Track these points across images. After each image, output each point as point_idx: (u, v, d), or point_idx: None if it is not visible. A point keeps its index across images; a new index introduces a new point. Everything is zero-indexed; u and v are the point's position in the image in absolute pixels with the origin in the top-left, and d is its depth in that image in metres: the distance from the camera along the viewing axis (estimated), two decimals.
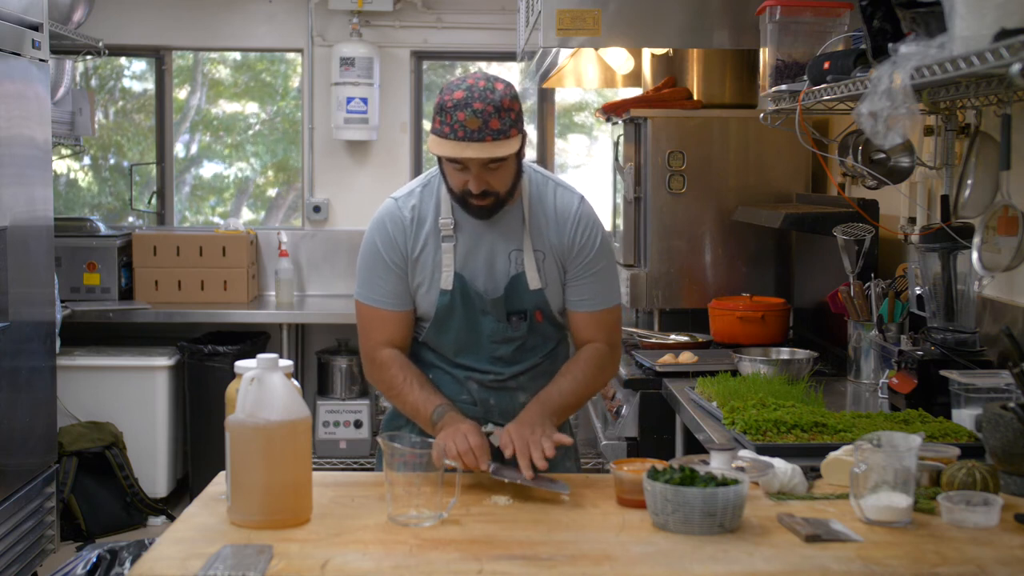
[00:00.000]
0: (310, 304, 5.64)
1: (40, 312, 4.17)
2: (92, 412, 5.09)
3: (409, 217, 2.43)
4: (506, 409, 2.49)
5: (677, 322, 4.16)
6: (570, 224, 2.44)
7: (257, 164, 6.36)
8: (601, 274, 2.47)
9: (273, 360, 1.98)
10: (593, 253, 2.45)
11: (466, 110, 2.23)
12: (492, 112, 2.23)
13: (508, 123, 2.26)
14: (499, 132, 2.24)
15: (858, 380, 3.27)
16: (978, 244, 2.56)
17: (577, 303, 2.47)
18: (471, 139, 2.23)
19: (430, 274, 2.42)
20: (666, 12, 3.98)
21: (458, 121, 2.23)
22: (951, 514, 1.97)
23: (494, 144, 2.24)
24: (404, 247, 2.42)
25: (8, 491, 3.86)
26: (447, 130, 2.25)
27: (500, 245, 2.43)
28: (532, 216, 2.43)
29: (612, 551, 1.84)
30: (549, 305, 2.46)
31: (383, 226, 2.45)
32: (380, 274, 2.44)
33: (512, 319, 2.44)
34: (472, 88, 2.25)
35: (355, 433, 5.45)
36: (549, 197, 2.46)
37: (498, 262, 2.43)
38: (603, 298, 2.48)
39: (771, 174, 4.17)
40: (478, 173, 2.28)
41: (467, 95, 2.24)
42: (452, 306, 2.42)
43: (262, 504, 1.95)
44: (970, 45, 1.89)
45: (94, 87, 6.12)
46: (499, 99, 2.25)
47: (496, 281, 2.43)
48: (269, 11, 5.88)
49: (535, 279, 2.42)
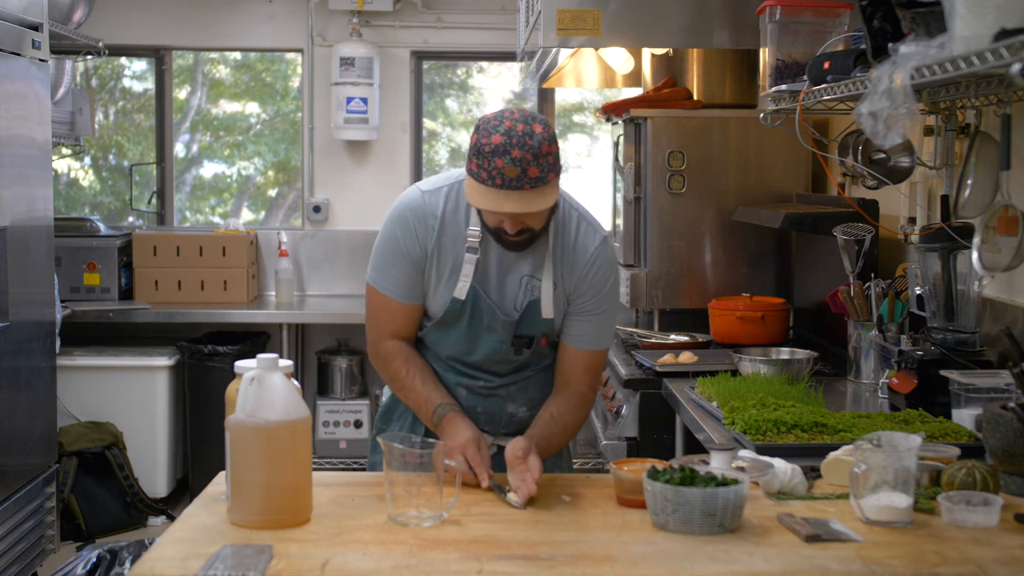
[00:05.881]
0: (310, 304, 5.64)
1: (40, 312, 4.17)
2: (92, 412, 5.09)
3: (434, 214, 2.39)
4: (493, 417, 2.49)
5: (677, 322, 4.16)
6: (587, 263, 2.41)
7: (258, 164, 6.36)
8: (604, 316, 2.45)
9: (273, 360, 1.98)
10: (602, 295, 2.43)
11: (504, 157, 2.17)
12: (531, 160, 2.17)
13: (546, 168, 2.20)
14: (537, 180, 2.19)
15: (858, 380, 3.27)
16: (978, 244, 2.56)
17: (574, 338, 2.44)
18: (509, 187, 2.18)
19: (445, 277, 2.40)
20: (666, 12, 3.98)
21: (496, 168, 2.17)
22: (951, 514, 1.97)
23: (532, 192, 2.19)
24: (424, 241, 2.38)
25: (8, 491, 3.86)
26: (484, 175, 2.19)
27: (515, 268, 2.40)
28: (555, 247, 2.40)
29: (612, 551, 1.84)
30: (554, 331, 2.45)
31: (405, 218, 2.40)
32: (396, 264, 2.40)
33: (516, 343, 2.43)
34: (511, 132, 2.17)
35: (355, 433, 5.45)
36: (572, 230, 2.42)
37: (510, 285, 2.41)
38: (599, 339, 2.46)
39: (771, 174, 4.17)
40: (514, 218, 2.25)
41: (505, 140, 2.17)
42: (460, 315, 2.40)
43: (262, 504, 1.95)
44: (970, 45, 1.89)
45: (94, 87, 6.12)
46: (537, 145, 2.18)
47: (504, 302, 2.41)
48: (269, 11, 5.88)
49: (549, 308, 2.40)
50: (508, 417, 2.49)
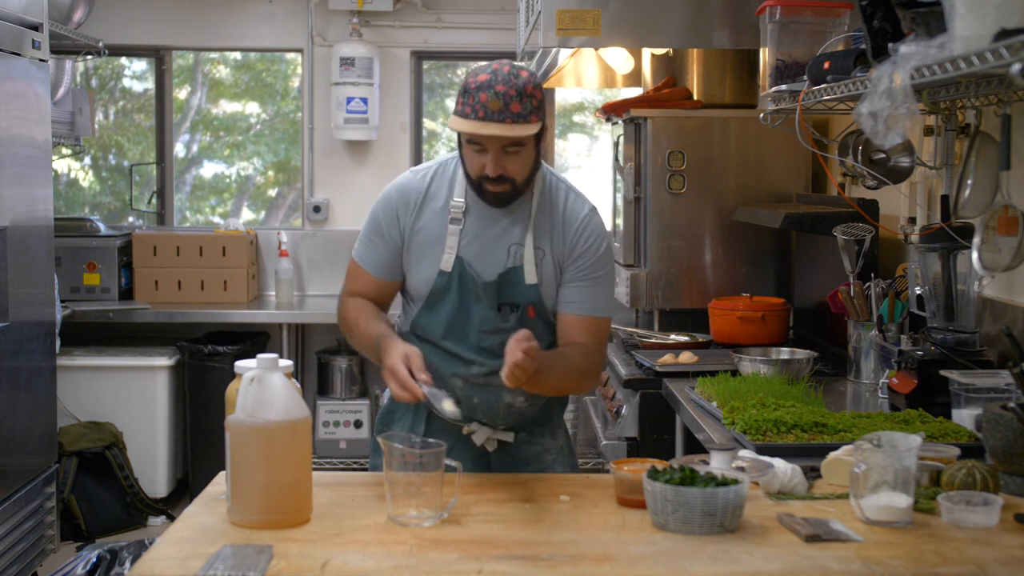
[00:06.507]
0: (310, 304, 5.64)
1: (40, 312, 4.17)
2: (92, 412, 5.09)
3: (419, 190, 2.47)
4: (490, 408, 2.48)
5: (677, 322, 4.15)
6: (576, 229, 2.45)
7: (258, 164, 6.36)
8: (597, 282, 2.46)
9: (273, 360, 1.98)
10: (593, 260, 2.45)
11: (488, 91, 2.26)
12: (514, 95, 2.26)
13: (529, 108, 2.28)
14: (519, 116, 2.27)
15: (858, 380, 3.27)
16: (978, 244, 2.56)
17: (568, 305, 2.46)
18: (491, 119, 2.26)
19: (430, 251, 2.44)
20: (666, 12, 3.98)
21: (480, 102, 2.27)
22: (951, 514, 1.97)
23: (513, 126, 2.27)
24: (404, 221, 2.46)
25: (8, 491, 3.86)
26: (468, 110, 2.29)
27: (503, 237, 2.44)
28: (539, 214, 2.44)
29: (612, 551, 1.84)
30: (543, 302, 2.46)
31: (389, 197, 2.49)
32: (375, 241, 2.49)
33: (503, 310, 2.44)
34: (497, 72, 2.29)
35: (355, 433, 5.45)
36: (560, 200, 2.47)
37: (498, 253, 2.44)
38: (595, 305, 2.47)
39: (771, 174, 4.17)
40: (496, 156, 2.31)
41: (491, 78, 2.28)
42: (448, 288, 2.43)
43: (262, 504, 1.95)
44: (970, 45, 1.89)
45: (94, 87, 6.12)
46: (523, 84, 2.28)
47: (492, 270, 2.44)
48: (269, 11, 5.88)
49: (532, 274, 2.43)
50: (506, 407, 2.48)
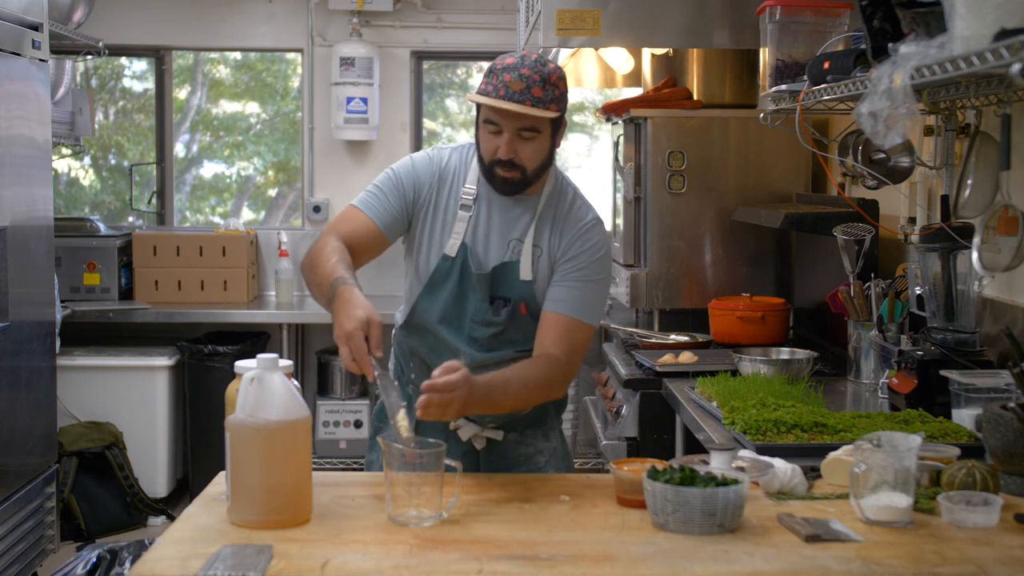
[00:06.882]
0: (310, 304, 5.64)
1: (40, 312, 4.17)
2: (92, 412, 5.09)
3: (440, 164, 2.48)
4: None
5: (677, 322, 4.15)
6: (575, 233, 2.44)
7: (258, 164, 6.36)
8: (586, 286, 2.42)
9: (273, 360, 1.98)
10: (586, 263, 2.43)
11: (513, 72, 2.30)
12: (538, 80, 2.29)
13: (551, 96, 2.31)
14: (539, 100, 2.30)
15: (858, 380, 3.27)
16: (978, 244, 2.56)
17: (552, 302, 2.42)
18: (511, 99, 2.29)
19: (439, 232, 2.45)
20: (666, 12, 3.98)
21: (503, 81, 2.30)
22: (951, 514, 1.97)
23: (532, 108, 2.29)
24: (421, 180, 2.46)
25: (8, 491, 3.86)
26: (490, 88, 2.31)
27: (506, 232, 2.45)
28: (543, 213, 2.45)
29: (612, 551, 1.84)
30: (536, 300, 2.45)
31: (411, 159, 2.51)
32: (387, 192, 2.46)
33: (496, 303, 2.44)
34: (525, 58, 2.33)
35: (355, 433, 5.45)
36: (566, 203, 2.47)
37: (498, 247, 2.44)
38: (578, 308, 2.41)
39: (771, 174, 4.17)
40: (510, 138, 2.33)
41: (518, 61, 2.31)
42: (449, 273, 2.43)
43: (262, 504, 1.95)
44: (970, 45, 1.89)
45: (94, 87, 6.12)
46: (548, 73, 2.31)
47: (489, 262, 2.45)
48: (269, 11, 5.88)
49: (527, 270, 2.43)
50: None
